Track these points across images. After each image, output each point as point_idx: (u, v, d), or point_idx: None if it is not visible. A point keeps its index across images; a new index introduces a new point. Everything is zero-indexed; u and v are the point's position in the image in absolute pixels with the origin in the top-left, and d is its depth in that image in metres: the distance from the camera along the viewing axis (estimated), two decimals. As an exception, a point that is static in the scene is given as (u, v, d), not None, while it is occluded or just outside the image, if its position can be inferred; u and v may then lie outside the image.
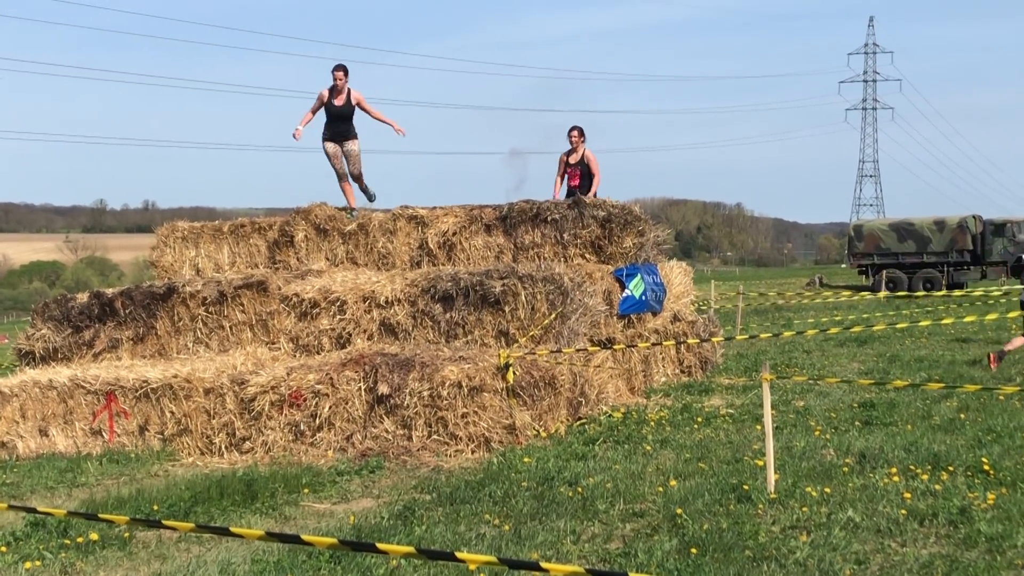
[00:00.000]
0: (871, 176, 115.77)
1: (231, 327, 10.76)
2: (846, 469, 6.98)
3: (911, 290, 36.68)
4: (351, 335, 10.19)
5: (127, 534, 6.11)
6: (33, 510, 4.43)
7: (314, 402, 8.81)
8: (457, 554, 3.20)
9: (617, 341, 10.67)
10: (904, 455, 7.34)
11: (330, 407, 8.78)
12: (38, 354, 11.22)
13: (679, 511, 6.02)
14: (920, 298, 28.92)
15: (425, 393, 8.58)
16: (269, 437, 8.86)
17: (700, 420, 9.25)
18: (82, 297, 11.45)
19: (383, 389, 8.64)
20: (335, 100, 11.95)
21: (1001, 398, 9.60)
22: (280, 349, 10.45)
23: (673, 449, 8.06)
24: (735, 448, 7.95)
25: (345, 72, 11.88)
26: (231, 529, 3.56)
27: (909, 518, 5.79)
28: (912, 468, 6.92)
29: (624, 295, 11.28)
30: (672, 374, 12.49)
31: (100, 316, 11.15)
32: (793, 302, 27.89)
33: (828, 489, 6.41)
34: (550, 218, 11.53)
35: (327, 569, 5.31)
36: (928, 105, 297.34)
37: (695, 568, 5.06)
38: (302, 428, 8.82)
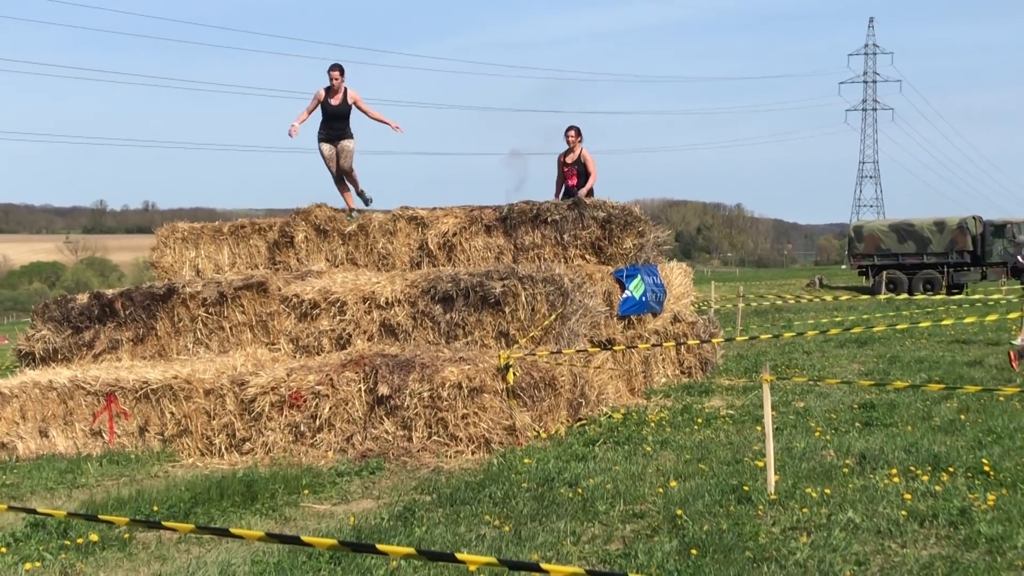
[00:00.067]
0: (871, 177, 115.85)
1: (231, 328, 10.76)
2: (846, 470, 6.98)
3: (911, 291, 36.74)
4: (351, 336, 10.19)
5: (127, 535, 6.11)
6: (33, 511, 4.43)
7: (314, 403, 8.81)
8: (457, 555, 3.20)
9: (617, 342, 10.67)
10: (904, 456, 7.34)
11: (330, 408, 8.78)
12: (38, 355, 11.22)
13: (679, 512, 6.02)
14: (920, 300, 28.92)
15: (425, 394, 8.58)
16: (269, 438, 8.86)
17: (700, 421, 9.25)
18: (82, 298, 11.45)
19: (383, 390, 8.64)
20: (331, 100, 11.88)
21: (1001, 399, 9.61)
22: (280, 350, 10.45)
23: (673, 450, 8.05)
24: (735, 449, 7.95)
25: (341, 72, 11.80)
26: (231, 530, 3.56)
27: (909, 519, 5.79)
28: (912, 469, 6.92)
29: (624, 296, 11.28)
30: (672, 375, 12.49)
31: (100, 317, 11.15)
32: (791, 302, 27.88)
33: (828, 490, 6.41)
34: (550, 219, 11.53)
35: (327, 570, 5.31)
36: (928, 106, 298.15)
37: (695, 569, 5.06)
38: (302, 429, 8.82)
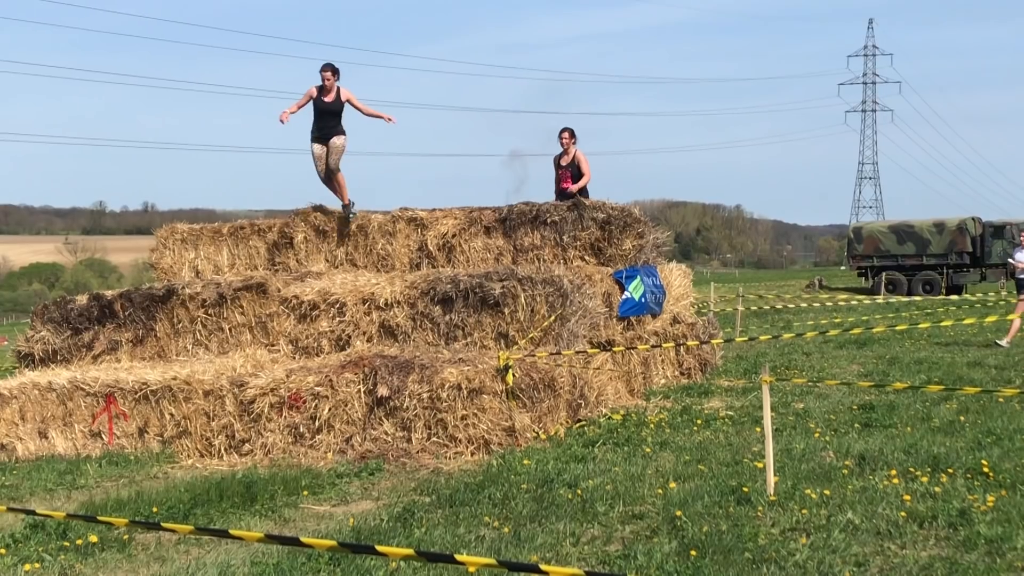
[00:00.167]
0: (870, 178, 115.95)
1: (230, 329, 10.76)
2: (846, 471, 6.98)
3: (910, 292, 36.77)
4: (350, 337, 10.19)
5: (126, 536, 6.11)
6: (32, 512, 4.43)
7: (313, 404, 8.81)
8: (456, 556, 3.20)
9: (616, 343, 10.67)
10: (904, 457, 7.34)
11: (329, 409, 8.77)
12: (37, 356, 11.21)
13: (679, 513, 6.02)
14: (919, 301, 28.93)
15: (424, 395, 8.58)
16: (268, 439, 8.86)
17: (700, 422, 9.25)
18: (81, 299, 11.44)
19: (382, 391, 8.64)
20: (324, 97, 11.73)
21: (1001, 400, 9.61)
22: (279, 351, 10.44)
23: (673, 451, 8.05)
24: (735, 450, 7.95)
25: (333, 72, 11.66)
26: (230, 531, 3.56)
27: (909, 520, 5.79)
28: (912, 470, 6.92)
29: (623, 297, 11.28)
30: (671, 376, 12.49)
31: (99, 318, 11.15)
32: (791, 306, 27.89)
33: (828, 491, 6.41)
34: (550, 220, 11.53)
35: (326, 571, 5.30)
36: (928, 107, 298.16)
37: (695, 570, 5.06)
38: (301, 430, 8.82)
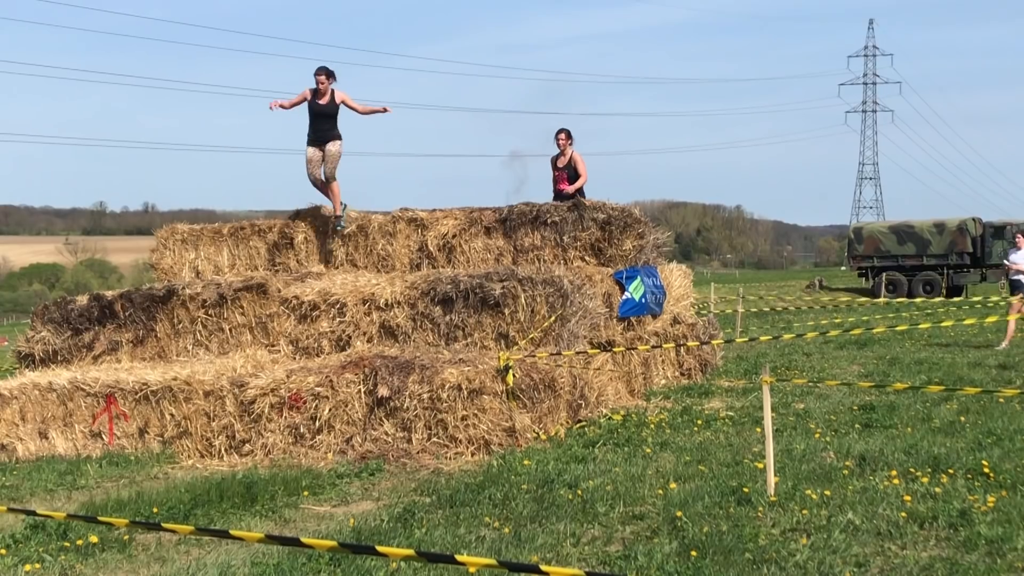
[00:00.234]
0: (871, 178, 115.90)
1: (231, 329, 10.76)
2: (846, 472, 6.98)
3: (911, 292, 36.77)
4: (351, 337, 10.19)
5: (127, 537, 6.11)
6: (33, 513, 4.42)
7: (314, 404, 8.81)
8: (457, 557, 3.20)
9: (617, 344, 10.67)
10: (904, 458, 7.34)
11: (330, 409, 8.77)
12: (38, 356, 11.22)
13: (679, 514, 6.02)
14: (919, 302, 28.93)
15: (425, 395, 8.58)
16: (269, 439, 8.86)
17: (700, 423, 9.24)
18: (82, 299, 11.44)
19: (383, 392, 8.64)
20: (318, 100, 11.64)
21: (1001, 401, 9.61)
22: (280, 351, 10.44)
23: (673, 452, 8.05)
24: (735, 451, 7.95)
25: (327, 75, 11.55)
26: (231, 532, 3.56)
27: (909, 521, 5.78)
28: (912, 471, 6.92)
29: (624, 298, 11.28)
30: (672, 377, 12.49)
31: (100, 318, 11.15)
32: (791, 307, 27.90)
33: (828, 492, 6.41)
34: (550, 220, 11.53)
35: (327, 571, 5.30)
36: (928, 108, 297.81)
37: (695, 571, 5.05)
38: (302, 431, 8.82)
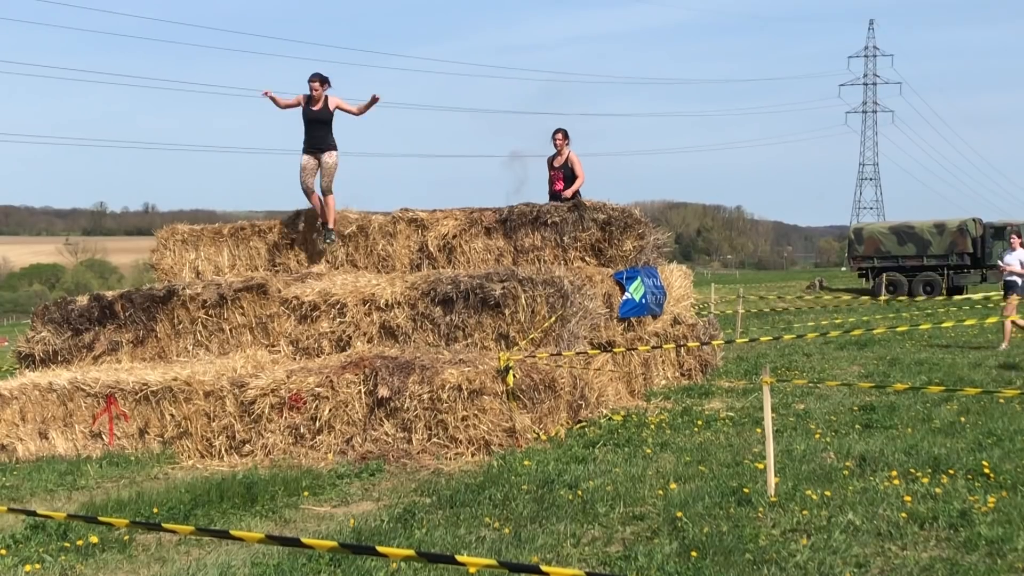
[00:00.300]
0: (871, 179, 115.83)
1: (231, 330, 10.76)
2: (846, 472, 6.98)
3: (911, 293, 36.76)
4: (351, 338, 10.19)
5: (127, 537, 6.11)
6: (33, 513, 4.42)
7: (314, 405, 8.81)
8: (457, 557, 3.20)
9: (617, 344, 10.67)
10: (904, 458, 7.34)
11: (330, 410, 8.77)
12: (38, 357, 11.22)
13: (679, 514, 6.02)
14: (920, 302, 28.94)
15: (425, 396, 8.58)
16: (269, 440, 8.86)
17: (700, 423, 9.24)
18: (82, 300, 11.44)
19: (383, 392, 8.64)
20: (312, 106, 11.62)
21: (1001, 401, 9.61)
22: (280, 352, 10.44)
23: (673, 452, 8.05)
24: (735, 451, 7.95)
25: (321, 82, 11.53)
26: (231, 532, 3.56)
27: (909, 521, 5.78)
28: (912, 471, 6.92)
29: (624, 298, 11.28)
30: (672, 377, 12.49)
31: (100, 319, 11.15)
32: (791, 307, 27.91)
33: (828, 492, 6.41)
34: (550, 221, 11.53)
35: (327, 572, 5.30)
36: (928, 108, 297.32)
37: (695, 571, 5.06)
38: (302, 431, 8.82)
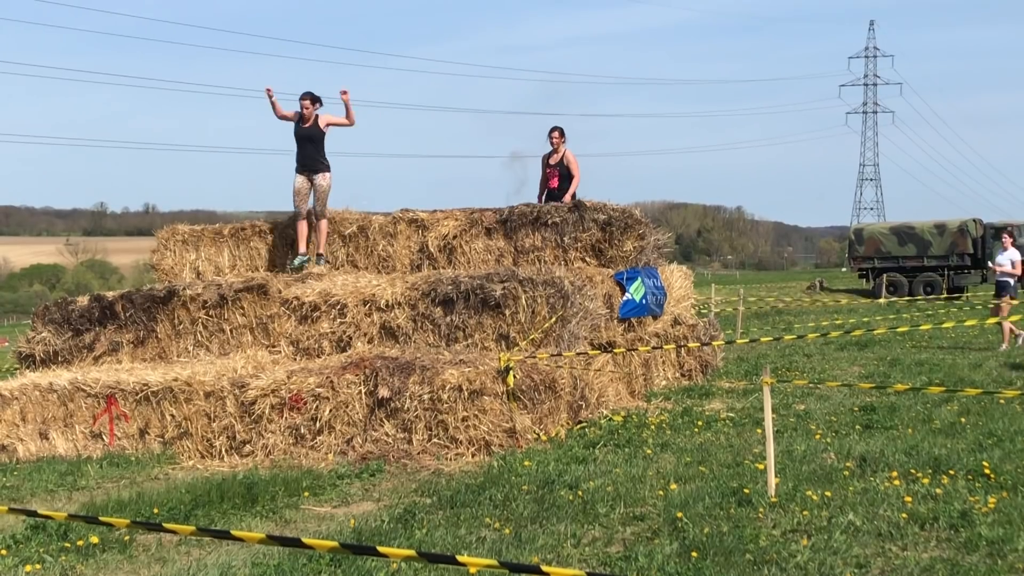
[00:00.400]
0: (871, 180, 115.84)
1: (231, 330, 10.76)
2: (847, 473, 6.98)
3: (912, 293, 36.75)
4: (351, 338, 10.19)
5: (127, 537, 6.11)
6: (33, 513, 4.42)
7: (314, 405, 8.81)
8: (457, 557, 3.20)
9: (617, 345, 10.67)
10: (905, 459, 7.34)
11: (330, 410, 8.77)
12: (38, 357, 11.21)
13: (679, 515, 6.02)
14: (920, 302, 28.94)
15: (425, 396, 8.58)
16: (269, 440, 8.86)
17: (700, 424, 9.24)
18: (82, 300, 11.44)
19: (383, 392, 8.64)
20: (303, 124, 11.64)
21: (1002, 402, 9.61)
22: (280, 352, 10.44)
23: (674, 453, 8.05)
24: (736, 452, 7.95)
25: (312, 101, 11.56)
26: (231, 532, 3.56)
27: (910, 522, 5.78)
28: (913, 472, 6.92)
29: (624, 299, 11.28)
30: (672, 378, 12.49)
31: (100, 319, 11.15)
32: (792, 307, 27.91)
33: (829, 493, 6.41)
34: (550, 221, 11.53)
35: (327, 572, 5.30)
36: (929, 109, 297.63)
37: (696, 572, 5.05)
38: (302, 431, 8.82)
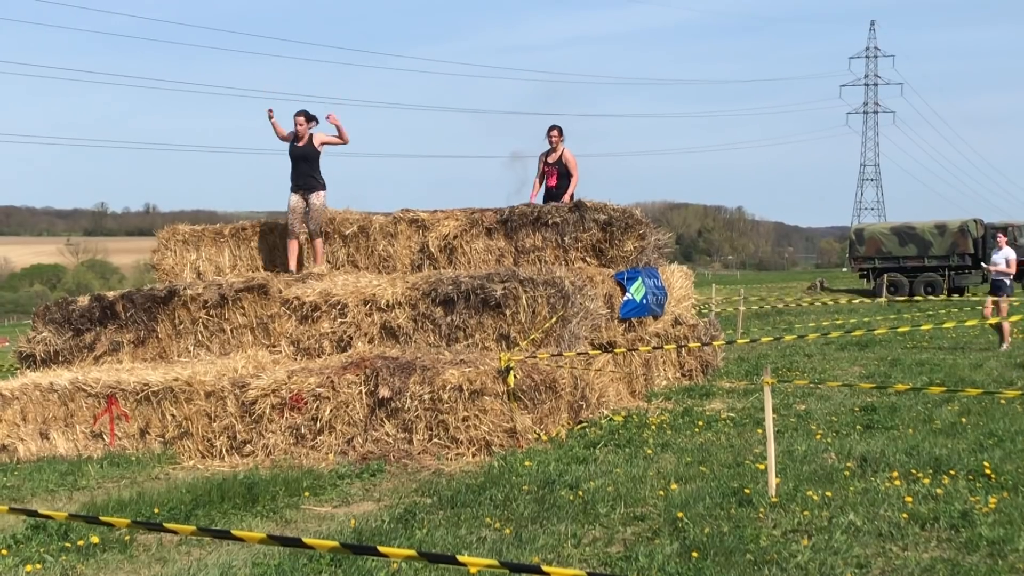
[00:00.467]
0: (872, 180, 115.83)
1: (232, 330, 10.76)
2: (847, 473, 6.98)
3: (912, 293, 36.73)
4: (352, 338, 10.19)
5: (128, 537, 6.11)
6: (34, 513, 4.42)
7: (315, 405, 8.81)
8: (458, 557, 3.20)
9: (618, 345, 10.67)
10: (905, 459, 7.33)
11: (331, 410, 8.77)
12: (39, 357, 11.22)
13: (680, 515, 6.02)
14: (921, 303, 28.94)
15: (426, 396, 8.58)
16: (270, 440, 8.86)
17: (701, 424, 9.24)
18: (83, 300, 11.44)
19: (384, 392, 8.64)
20: (297, 143, 11.68)
21: (1002, 402, 9.60)
22: (281, 352, 10.44)
23: (674, 453, 8.05)
24: (736, 452, 7.94)
25: (307, 118, 11.62)
26: (232, 532, 3.56)
27: (910, 522, 5.78)
28: (913, 472, 6.91)
29: (625, 299, 11.27)
30: (673, 378, 12.48)
31: (101, 319, 11.15)
32: (793, 307, 27.90)
33: (829, 493, 6.40)
34: (551, 221, 11.53)
35: (328, 572, 5.30)
36: (929, 109, 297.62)
37: (696, 572, 5.05)
38: (303, 431, 8.82)
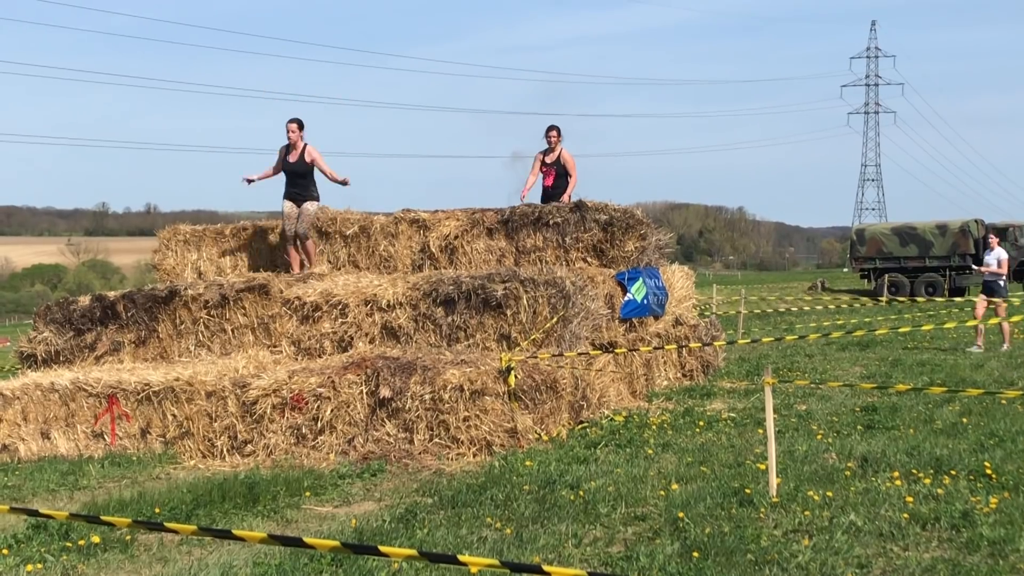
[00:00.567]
0: (873, 180, 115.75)
1: (233, 330, 10.76)
2: (848, 473, 6.98)
3: (913, 294, 36.74)
4: (353, 338, 10.19)
5: (129, 537, 6.11)
6: (35, 513, 4.42)
7: (316, 405, 8.81)
8: (459, 557, 3.20)
9: (619, 345, 10.67)
10: (906, 459, 7.33)
11: (332, 410, 8.78)
12: (40, 357, 11.22)
13: (681, 515, 6.02)
14: (922, 303, 28.94)
15: (427, 396, 8.58)
16: (271, 440, 8.86)
17: (702, 424, 9.24)
18: (84, 300, 11.45)
19: (385, 392, 8.64)
20: (289, 157, 11.72)
21: (1003, 402, 9.60)
22: (282, 352, 10.45)
23: (675, 453, 8.05)
24: (737, 452, 7.94)
25: (300, 126, 11.64)
26: (233, 532, 3.56)
27: (911, 522, 5.78)
28: (914, 472, 6.91)
29: (626, 299, 11.28)
30: (674, 378, 12.48)
31: (102, 319, 11.15)
32: (793, 308, 27.91)
33: (830, 493, 6.40)
34: (552, 222, 11.53)
35: (328, 572, 5.31)
36: (930, 109, 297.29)
37: (697, 572, 5.05)
38: (304, 431, 8.82)
